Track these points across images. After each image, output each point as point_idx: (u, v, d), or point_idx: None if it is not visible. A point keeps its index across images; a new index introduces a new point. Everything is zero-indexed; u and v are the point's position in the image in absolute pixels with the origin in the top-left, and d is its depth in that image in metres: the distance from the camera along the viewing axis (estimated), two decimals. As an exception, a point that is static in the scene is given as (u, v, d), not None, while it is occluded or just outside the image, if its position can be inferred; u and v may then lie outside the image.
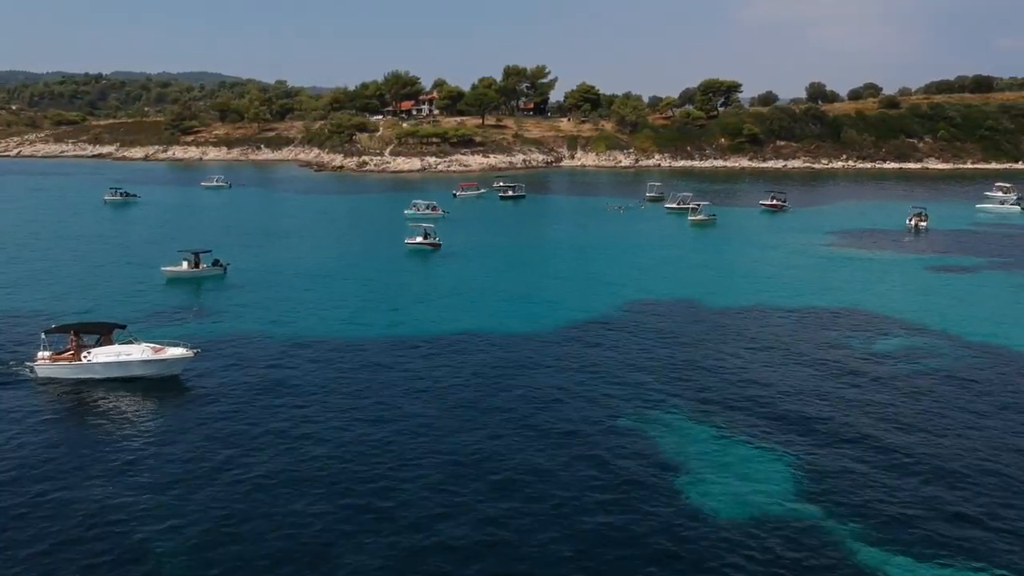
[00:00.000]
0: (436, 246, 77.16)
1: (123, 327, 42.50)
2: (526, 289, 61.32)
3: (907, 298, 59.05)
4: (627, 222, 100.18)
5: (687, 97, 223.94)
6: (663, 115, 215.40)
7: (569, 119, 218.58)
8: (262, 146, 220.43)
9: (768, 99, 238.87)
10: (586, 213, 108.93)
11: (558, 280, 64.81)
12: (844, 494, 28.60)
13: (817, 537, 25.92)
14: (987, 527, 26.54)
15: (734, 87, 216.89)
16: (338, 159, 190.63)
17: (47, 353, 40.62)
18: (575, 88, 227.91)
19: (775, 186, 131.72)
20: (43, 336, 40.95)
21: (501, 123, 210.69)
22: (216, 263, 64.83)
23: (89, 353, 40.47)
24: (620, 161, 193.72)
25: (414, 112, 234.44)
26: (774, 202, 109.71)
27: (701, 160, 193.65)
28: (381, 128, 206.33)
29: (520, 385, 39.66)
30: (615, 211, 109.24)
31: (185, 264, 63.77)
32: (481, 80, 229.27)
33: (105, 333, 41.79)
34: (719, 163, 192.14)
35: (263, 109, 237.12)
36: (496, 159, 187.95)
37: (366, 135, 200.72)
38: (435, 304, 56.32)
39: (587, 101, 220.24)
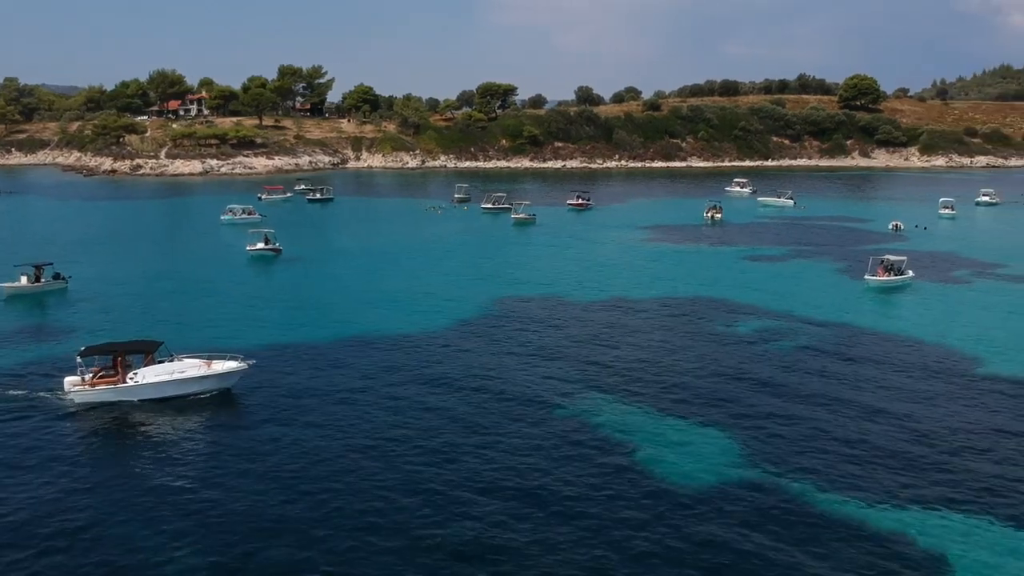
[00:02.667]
0: (277, 251, 75.54)
1: (162, 343, 39.46)
2: (393, 291, 61.74)
3: (740, 285, 64.97)
4: (450, 222, 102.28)
5: (465, 99, 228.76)
6: (444, 117, 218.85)
7: (349, 120, 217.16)
8: (13, 149, 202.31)
9: (539, 101, 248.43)
10: (403, 214, 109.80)
11: (422, 280, 65.73)
12: (773, 455, 32.24)
13: (773, 493, 29.27)
14: (886, 464, 31.03)
15: (510, 90, 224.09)
16: (107, 162, 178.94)
17: (79, 378, 37.04)
18: (353, 89, 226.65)
19: (583, 186, 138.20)
20: (79, 359, 37.08)
21: (280, 124, 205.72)
22: (57, 276, 60.31)
23: (136, 373, 37.41)
24: (407, 162, 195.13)
25: (182, 112, 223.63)
26: (580, 201, 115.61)
27: (485, 161, 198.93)
28: (149, 129, 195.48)
29: (429, 380, 40.80)
30: (432, 212, 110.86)
31: (24, 279, 58.85)
32: (252, 79, 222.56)
33: (149, 351, 38.63)
34: (503, 164, 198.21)
35: (10, 109, 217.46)
36: (281, 161, 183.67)
37: (137, 137, 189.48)
38: (308, 311, 55.76)
39: (366, 102, 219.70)
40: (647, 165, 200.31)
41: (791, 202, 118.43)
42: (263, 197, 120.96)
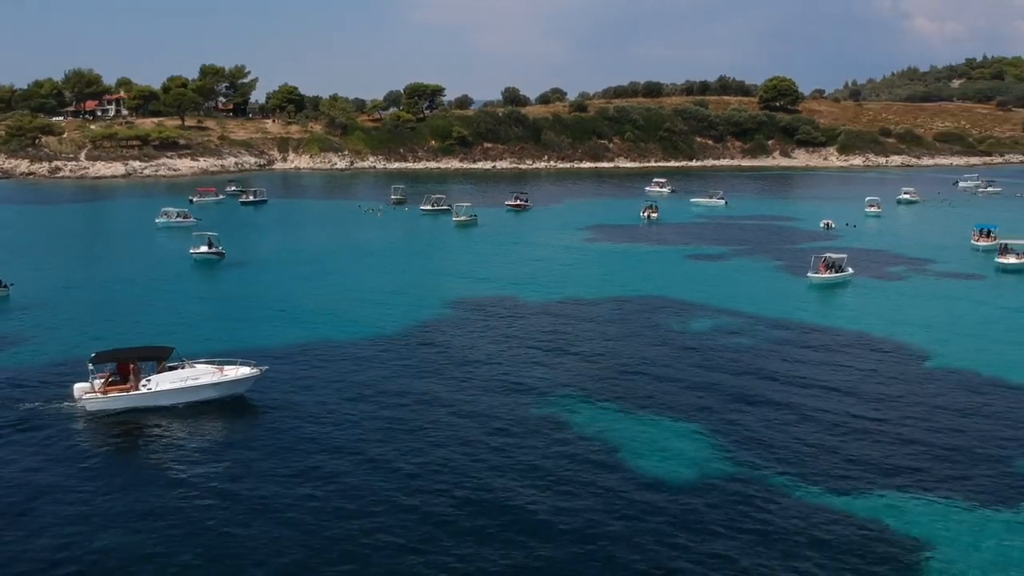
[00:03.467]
0: (221, 255, 74.14)
1: (173, 349, 38.58)
2: (348, 295, 61.33)
3: (688, 284, 66.39)
4: (390, 224, 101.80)
5: (392, 100, 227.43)
6: (371, 117, 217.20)
7: (274, 120, 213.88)
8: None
9: (465, 102, 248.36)
10: (341, 216, 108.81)
11: (374, 283, 65.50)
12: (745, 448, 33.26)
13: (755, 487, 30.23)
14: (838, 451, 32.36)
15: (438, 91, 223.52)
16: (23, 165, 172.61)
17: (90, 384, 36.35)
18: (277, 89, 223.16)
19: (516, 186, 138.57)
20: (90, 367, 36.27)
21: (203, 125, 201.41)
22: (-1, 283, 58.37)
23: (149, 380, 36.70)
24: (335, 163, 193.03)
25: (99, 113, 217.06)
26: (518, 202, 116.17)
27: (415, 162, 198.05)
28: (67, 131, 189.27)
29: (401, 386, 40.91)
30: (372, 213, 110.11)
31: (-37, 286, 56.74)
32: (172, 79, 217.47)
33: (162, 358, 37.82)
34: (432, 164, 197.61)
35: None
36: (206, 162, 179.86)
37: (55, 138, 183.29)
38: (265, 316, 55.08)
39: (291, 102, 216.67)
40: (576, 166, 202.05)
41: (722, 202, 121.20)
42: (195, 200, 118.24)
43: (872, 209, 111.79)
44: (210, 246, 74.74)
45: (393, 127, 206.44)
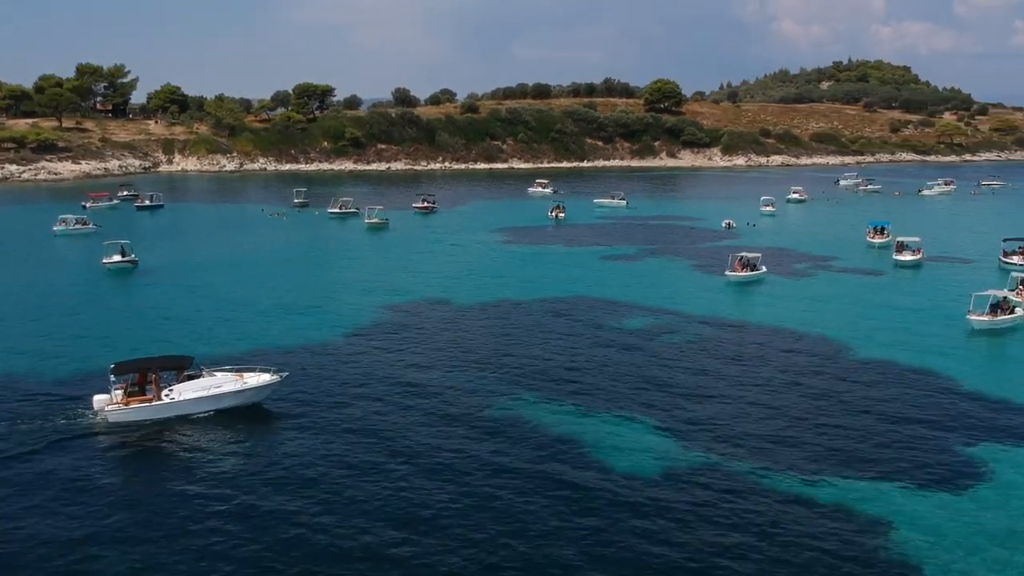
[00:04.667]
0: (134, 263, 71.80)
1: (192, 358, 38.29)
2: (273, 302, 60.35)
3: (611, 284, 68.07)
4: (298, 228, 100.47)
5: (280, 100, 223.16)
6: (259, 118, 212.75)
7: (157, 121, 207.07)
8: None
9: (354, 102, 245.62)
10: (245, 220, 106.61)
11: (298, 289, 64.80)
12: (696, 441, 34.94)
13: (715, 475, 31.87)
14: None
15: (328, 91, 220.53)
16: None
17: (110, 396, 35.73)
18: (160, 89, 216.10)
19: (412, 188, 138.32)
20: (112, 377, 35.47)
21: (82, 126, 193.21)
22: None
23: (171, 390, 36.17)
24: (224, 165, 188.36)
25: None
26: (425, 204, 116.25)
27: (307, 163, 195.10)
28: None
29: (345, 394, 41.09)
30: (278, 217, 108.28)
31: None
32: (45, 78, 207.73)
33: (182, 367, 37.38)
34: (325, 166, 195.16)
35: None
36: (89, 165, 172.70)
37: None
38: (196, 326, 53.92)
39: (174, 103, 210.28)
40: (471, 167, 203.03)
41: (624, 202, 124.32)
42: (88, 205, 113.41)
43: (768, 208, 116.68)
44: (123, 254, 72.25)
45: (283, 128, 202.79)
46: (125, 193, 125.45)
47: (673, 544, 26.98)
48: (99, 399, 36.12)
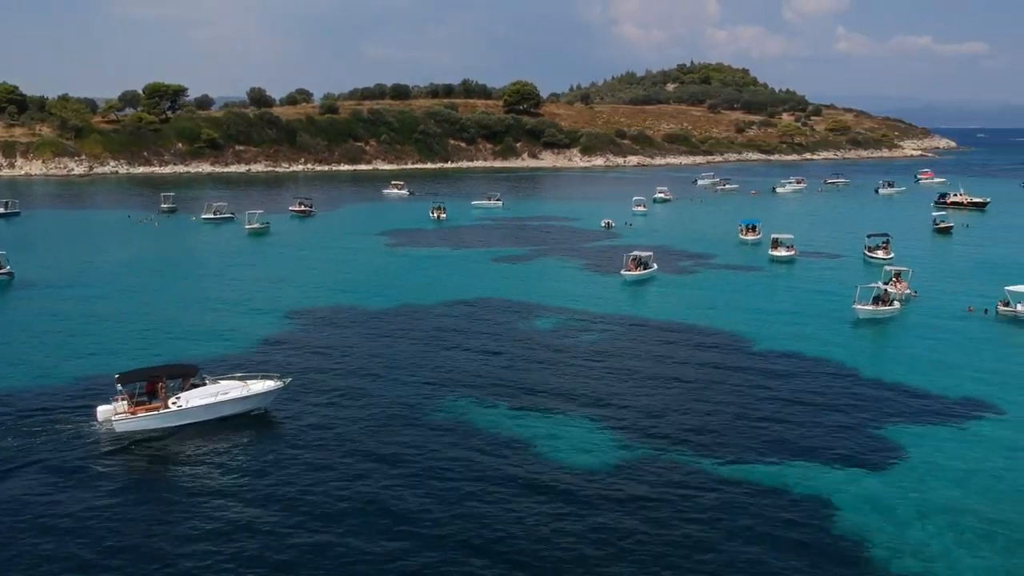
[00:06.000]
0: (10, 275, 67.77)
1: (198, 367, 37.69)
2: (169, 315, 58.19)
3: (512, 285, 69.23)
4: (172, 235, 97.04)
5: (129, 100, 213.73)
6: (107, 119, 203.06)
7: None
8: None
9: (205, 102, 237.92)
10: (111, 227, 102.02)
11: (192, 300, 62.71)
12: (627, 433, 36.84)
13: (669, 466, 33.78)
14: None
15: (180, 91, 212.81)
16: None
17: (115, 405, 35.23)
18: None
19: (275, 191, 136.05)
20: (119, 386, 34.75)
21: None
22: None
23: (178, 399, 36.33)
24: (72, 169, 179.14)
25: None
26: (303, 207, 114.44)
27: (161, 166, 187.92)
28: None
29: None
30: (149, 223, 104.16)
31: None
32: None
33: (188, 375, 36.83)
34: (181, 168, 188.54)
35: None
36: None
37: None
38: (86, 342, 51.81)
39: (12, 103, 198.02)
40: (334, 168, 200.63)
41: (500, 203, 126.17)
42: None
43: (639, 208, 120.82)
44: (-1, 266, 68.24)
45: (135, 129, 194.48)
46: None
47: (624, 535, 28.27)
48: (103, 410, 35.85)
